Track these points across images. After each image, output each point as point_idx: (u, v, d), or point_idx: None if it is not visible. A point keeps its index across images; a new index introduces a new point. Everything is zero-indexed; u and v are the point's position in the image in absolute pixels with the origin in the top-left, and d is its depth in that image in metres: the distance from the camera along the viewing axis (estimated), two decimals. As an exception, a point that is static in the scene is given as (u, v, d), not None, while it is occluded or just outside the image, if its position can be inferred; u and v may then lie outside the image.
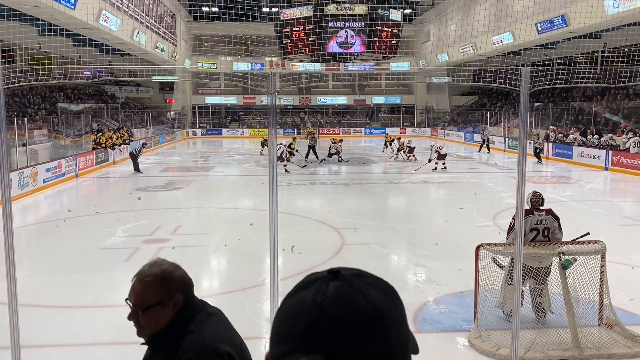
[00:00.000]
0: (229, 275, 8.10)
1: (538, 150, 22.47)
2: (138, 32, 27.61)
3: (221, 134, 42.37)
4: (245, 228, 10.28)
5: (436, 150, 19.90)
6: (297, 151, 22.44)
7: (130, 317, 1.74)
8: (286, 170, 18.67)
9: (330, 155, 22.81)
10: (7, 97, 22.72)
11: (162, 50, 32.96)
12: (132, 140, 26.41)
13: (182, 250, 8.98)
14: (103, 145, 22.37)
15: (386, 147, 27.04)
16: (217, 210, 13.05)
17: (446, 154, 20.16)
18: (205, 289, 7.46)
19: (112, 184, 18.82)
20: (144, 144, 22.76)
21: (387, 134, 29.13)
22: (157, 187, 16.55)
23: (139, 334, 1.76)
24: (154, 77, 38.95)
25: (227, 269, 8.52)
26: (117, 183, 18.53)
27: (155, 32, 31.54)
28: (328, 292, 0.65)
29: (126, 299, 1.76)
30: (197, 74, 42.54)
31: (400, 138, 25.69)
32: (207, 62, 41.41)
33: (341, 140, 24.25)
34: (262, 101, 43.17)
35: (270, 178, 3.32)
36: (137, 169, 19.79)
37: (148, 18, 30.09)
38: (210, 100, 44.72)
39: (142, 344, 1.79)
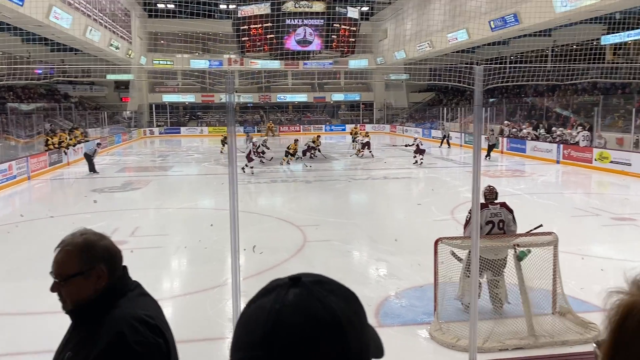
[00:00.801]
0: (190, 276, 8.00)
1: (492, 145, 22.83)
2: (91, 29, 26.84)
3: (179, 132, 41.71)
4: (206, 228, 10.17)
5: (417, 145, 20.45)
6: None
7: (52, 289, 1.65)
8: (244, 171, 18.13)
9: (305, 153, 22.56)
10: (-49, 97, 21.73)
11: (117, 47, 32.17)
12: (87, 140, 25.68)
13: (141, 252, 8.82)
14: (56, 146, 21.67)
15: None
16: (176, 210, 12.86)
17: (424, 150, 20.84)
18: (166, 291, 7.36)
19: (66, 185, 18.26)
20: (98, 144, 22.20)
21: (356, 126, 29.30)
22: (114, 188, 16.17)
23: (63, 306, 1.67)
24: (108, 76, 37.95)
25: (188, 270, 8.41)
26: (72, 185, 18.00)
27: (109, 29, 30.74)
28: (287, 299, 0.65)
29: (50, 272, 1.66)
30: (154, 72, 41.68)
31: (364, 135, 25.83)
32: (164, 59, 40.64)
33: (318, 137, 24.07)
34: (220, 99, 42.67)
35: (230, 177, 3.31)
36: (92, 169, 19.29)
37: (101, 15, 29.30)
38: (168, 98, 43.93)
39: (66, 313, 1.68)
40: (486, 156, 22.02)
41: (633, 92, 23.09)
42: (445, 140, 29.05)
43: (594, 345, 0.60)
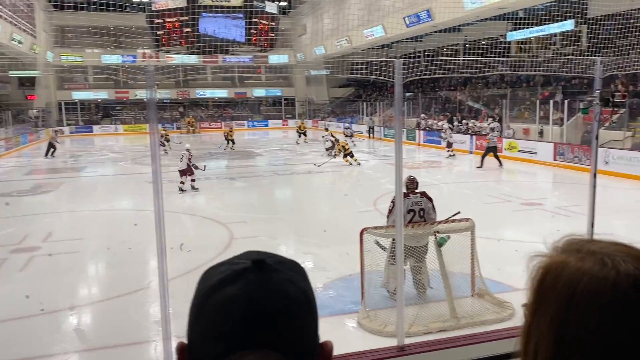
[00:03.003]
0: (111, 280, 7.67)
1: (491, 147, 18.32)
2: (-11, 22, 24.93)
3: (92, 131, 39.70)
4: (126, 229, 9.79)
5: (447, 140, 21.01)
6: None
7: None
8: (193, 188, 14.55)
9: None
10: None
11: (20, 42, 30.06)
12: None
13: (57, 258, 8.35)
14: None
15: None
16: (92, 213, 12.26)
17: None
18: (85, 297, 7.03)
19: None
20: None
21: (302, 121, 30.51)
22: (22, 192, 15.13)
23: None
24: (11, 72, 35.36)
25: (107, 274, 8.07)
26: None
27: (11, 22, 28.66)
28: (261, 285, 0.64)
29: None
30: (62, 68, 39.29)
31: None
32: (73, 54, 38.47)
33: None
34: (136, 95, 41.03)
35: (153, 175, 3.21)
36: None
37: (1, 7, 27.25)
38: (78, 95, 41.62)
39: None
40: (484, 163, 18.01)
41: (537, 84, 24.72)
42: (371, 132, 29.98)
43: (522, 307, 0.67)
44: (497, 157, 17.64)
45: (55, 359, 5.27)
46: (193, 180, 14.23)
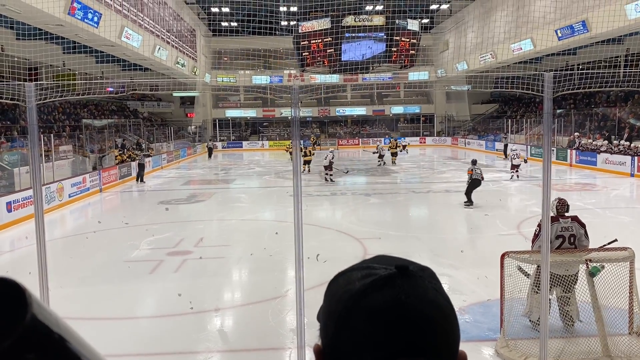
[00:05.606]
0: (252, 286, 8.13)
1: None
2: (159, 48, 28.08)
3: (241, 146, 42.69)
4: (267, 239, 10.33)
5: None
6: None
7: None
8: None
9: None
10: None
11: (183, 65, 33.46)
12: (148, 155, 26.57)
13: (206, 262, 9.07)
14: (125, 159, 22.70)
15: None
16: (239, 222, 13.14)
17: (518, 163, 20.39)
18: (228, 301, 7.52)
19: (134, 197, 19.08)
20: (145, 155, 23.40)
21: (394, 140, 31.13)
22: (179, 200, 16.73)
23: None
24: (174, 93, 39.44)
25: (249, 280, 8.56)
26: (140, 197, 18.80)
27: (176, 47, 32.05)
28: (413, 292, 0.63)
29: None
30: (217, 88, 42.97)
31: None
32: (227, 76, 41.90)
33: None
34: (281, 113, 43.42)
35: (295, 189, 3.36)
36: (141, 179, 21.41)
37: (168, 34, 30.61)
38: (231, 113, 45.15)
39: None
40: None
41: None
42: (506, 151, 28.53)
43: None
44: None
45: (200, 357, 5.69)
46: (330, 175, 19.54)
